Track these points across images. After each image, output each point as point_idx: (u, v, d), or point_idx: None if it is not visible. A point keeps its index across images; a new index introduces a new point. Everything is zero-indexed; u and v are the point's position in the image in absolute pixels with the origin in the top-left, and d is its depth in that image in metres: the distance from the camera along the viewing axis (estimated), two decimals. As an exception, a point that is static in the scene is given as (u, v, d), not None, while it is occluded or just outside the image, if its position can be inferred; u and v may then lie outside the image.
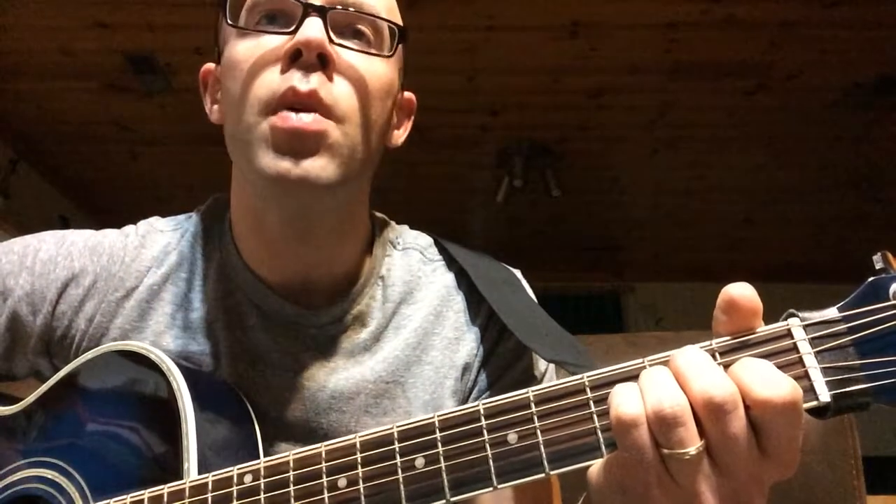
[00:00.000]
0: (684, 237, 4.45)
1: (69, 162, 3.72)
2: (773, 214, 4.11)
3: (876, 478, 1.22)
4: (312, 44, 0.62)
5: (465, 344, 0.76)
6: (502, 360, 0.76)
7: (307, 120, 0.62)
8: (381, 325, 0.76)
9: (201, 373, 0.71)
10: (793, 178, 3.72)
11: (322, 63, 0.63)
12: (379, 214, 0.83)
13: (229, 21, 0.66)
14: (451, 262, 0.81)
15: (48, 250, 0.75)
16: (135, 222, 0.81)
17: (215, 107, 0.74)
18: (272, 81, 0.63)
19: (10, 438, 0.71)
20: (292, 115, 0.62)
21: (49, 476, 0.66)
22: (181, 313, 0.74)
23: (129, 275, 0.75)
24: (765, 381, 0.41)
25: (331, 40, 0.63)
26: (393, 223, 0.84)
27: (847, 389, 0.42)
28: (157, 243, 0.77)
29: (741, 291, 0.44)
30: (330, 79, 0.64)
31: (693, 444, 0.41)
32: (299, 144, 0.62)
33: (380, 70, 0.68)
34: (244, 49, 0.65)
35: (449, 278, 0.80)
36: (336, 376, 0.73)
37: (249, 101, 0.64)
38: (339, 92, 0.64)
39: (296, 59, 0.63)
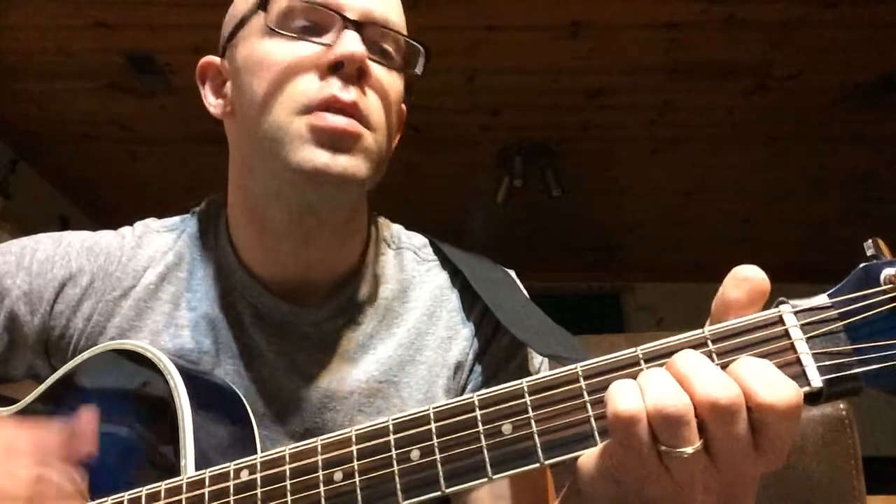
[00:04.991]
0: (684, 237, 4.44)
1: (69, 162, 3.72)
2: (773, 214, 4.10)
3: (876, 478, 1.22)
4: (356, 57, 0.64)
5: (458, 343, 0.77)
6: (496, 358, 0.77)
7: (345, 122, 0.64)
8: (375, 324, 0.76)
9: (198, 371, 0.71)
10: (793, 178, 3.72)
11: (359, 75, 0.66)
12: (375, 213, 0.84)
13: (271, 25, 0.66)
14: (446, 262, 0.82)
15: (45, 251, 0.76)
16: (134, 223, 0.82)
17: (219, 101, 0.74)
18: (309, 87, 0.65)
19: (8, 437, 0.71)
20: (329, 114, 0.64)
21: (47, 474, 0.66)
22: (178, 312, 0.74)
23: (126, 274, 0.75)
24: (768, 384, 0.41)
25: (367, 56, 0.66)
26: (388, 222, 0.85)
27: (839, 375, 0.42)
28: (154, 243, 0.78)
29: (754, 272, 0.45)
30: (363, 91, 0.66)
31: (693, 444, 0.42)
32: (338, 141, 0.64)
33: (398, 84, 0.72)
34: (277, 51, 0.66)
35: (443, 278, 0.80)
36: (330, 375, 0.73)
37: (282, 101, 0.65)
38: (371, 103, 0.67)
39: (335, 69, 0.65)
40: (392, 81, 0.71)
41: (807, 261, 4.41)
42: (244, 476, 0.53)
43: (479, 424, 0.47)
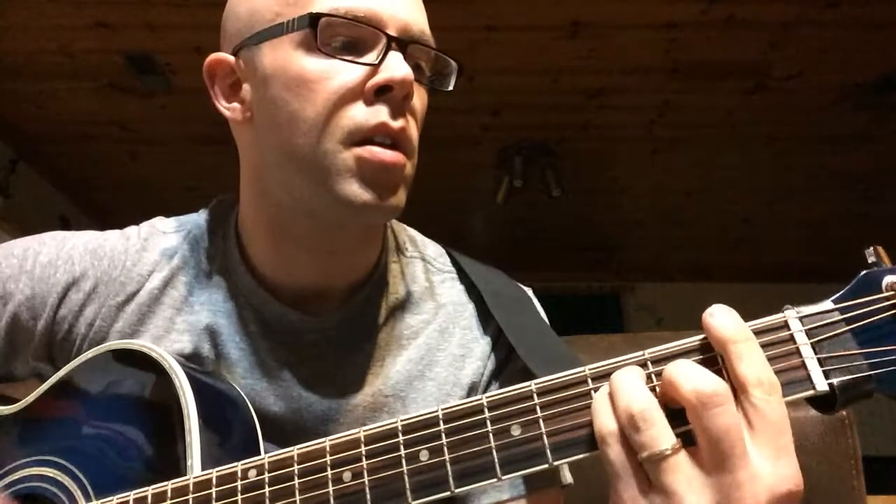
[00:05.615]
0: (684, 237, 4.44)
1: (69, 162, 3.72)
2: (773, 214, 4.11)
3: (876, 478, 1.22)
4: (406, 82, 0.63)
5: (472, 362, 0.75)
6: (511, 381, 0.74)
7: (391, 156, 0.63)
8: (384, 336, 0.75)
9: (201, 371, 0.70)
10: (793, 178, 3.72)
11: (403, 98, 0.64)
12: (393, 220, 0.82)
13: (320, 46, 0.63)
14: (462, 276, 0.80)
15: (48, 254, 0.74)
16: (135, 222, 0.80)
17: (235, 104, 0.70)
18: (357, 113, 0.63)
19: (11, 437, 0.70)
20: (378, 149, 0.63)
21: (51, 474, 0.65)
22: (181, 317, 0.73)
23: (130, 279, 0.74)
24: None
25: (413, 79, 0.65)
26: (404, 227, 0.83)
27: (849, 378, 0.43)
28: (159, 246, 0.76)
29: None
30: (406, 116, 0.65)
31: (666, 443, 0.42)
32: (386, 179, 0.64)
33: (426, 99, 0.70)
34: (319, 70, 0.63)
35: (457, 292, 0.78)
36: (334, 387, 0.72)
37: (330, 129, 0.63)
38: (412, 127, 0.66)
39: (381, 92, 0.63)
40: (424, 98, 0.69)
41: (807, 261, 4.42)
42: (252, 476, 0.53)
43: (489, 425, 0.47)
